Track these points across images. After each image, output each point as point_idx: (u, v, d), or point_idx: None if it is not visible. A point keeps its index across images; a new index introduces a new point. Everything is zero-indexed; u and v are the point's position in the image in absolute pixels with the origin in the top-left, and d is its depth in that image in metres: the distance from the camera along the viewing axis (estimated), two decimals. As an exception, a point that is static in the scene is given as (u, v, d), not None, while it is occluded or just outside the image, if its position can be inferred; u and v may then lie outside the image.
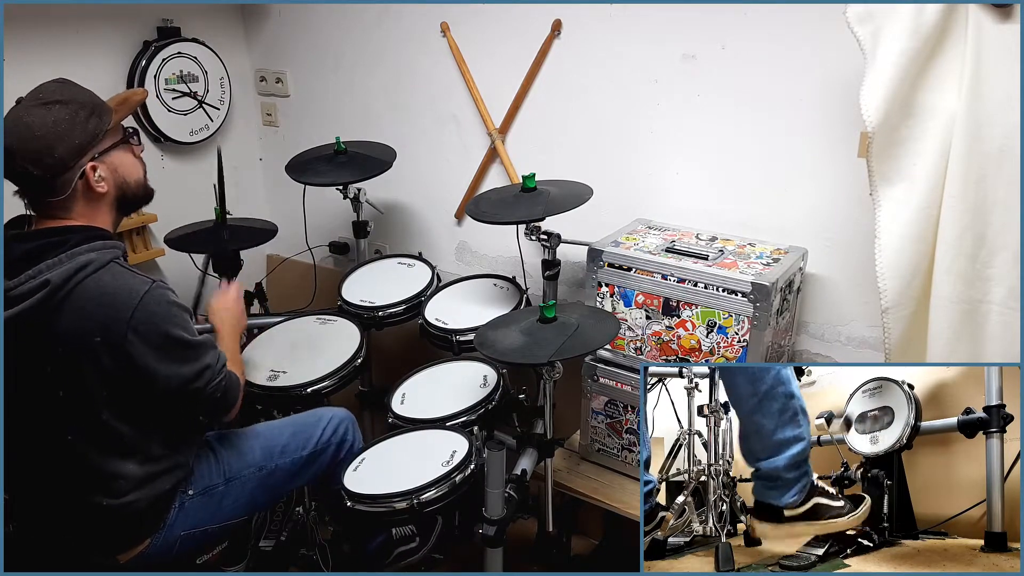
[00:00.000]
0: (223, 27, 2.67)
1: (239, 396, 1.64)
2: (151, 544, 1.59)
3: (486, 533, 1.68)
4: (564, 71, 2.16)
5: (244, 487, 1.71)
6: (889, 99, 1.45)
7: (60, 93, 1.45)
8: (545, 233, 1.96)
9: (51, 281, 1.39)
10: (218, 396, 1.57)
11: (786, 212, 1.94)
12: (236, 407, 1.65)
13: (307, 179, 2.23)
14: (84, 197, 1.48)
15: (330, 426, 1.83)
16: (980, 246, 1.47)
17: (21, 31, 2.12)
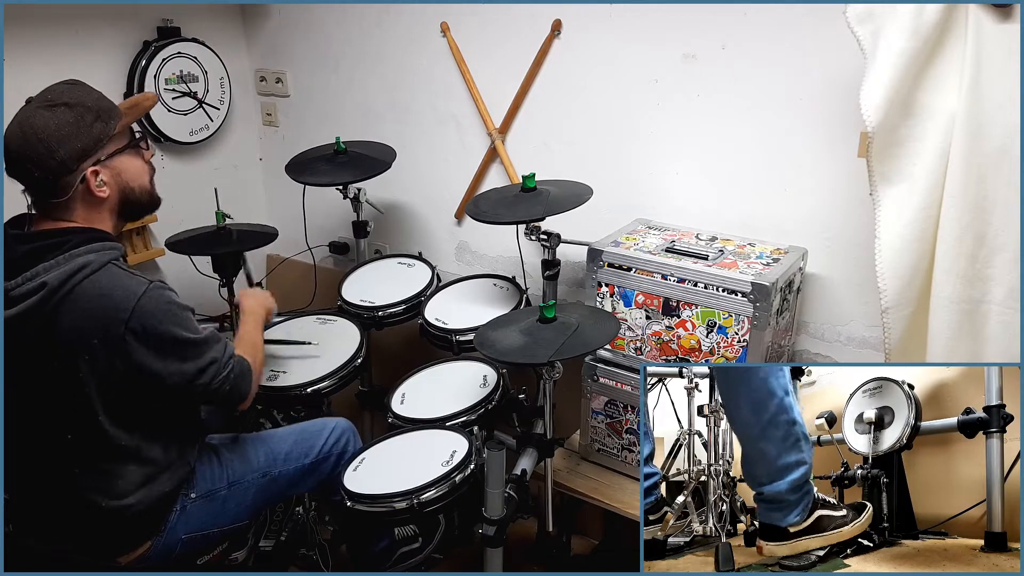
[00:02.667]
0: (223, 27, 2.67)
1: (251, 385, 1.63)
2: (152, 546, 1.59)
3: (486, 533, 1.68)
4: (564, 71, 2.16)
5: (246, 492, 1.71)
6: (889, 99, 1.45)
7: (68, 95, 1.45)
8: (545, 233, 1.96)
9: (48, 283, 1.39)
10: (227, 389, 1.56)
11: (786, 212, 1.94)
12: (249, 397, 1.64)
13: (307, 179, 2.23)
14: (84, 201, 1.48)
15: (332, 435, 1.83)
16: (980, 246, 1.47)
17: (21, 31, 2.12)
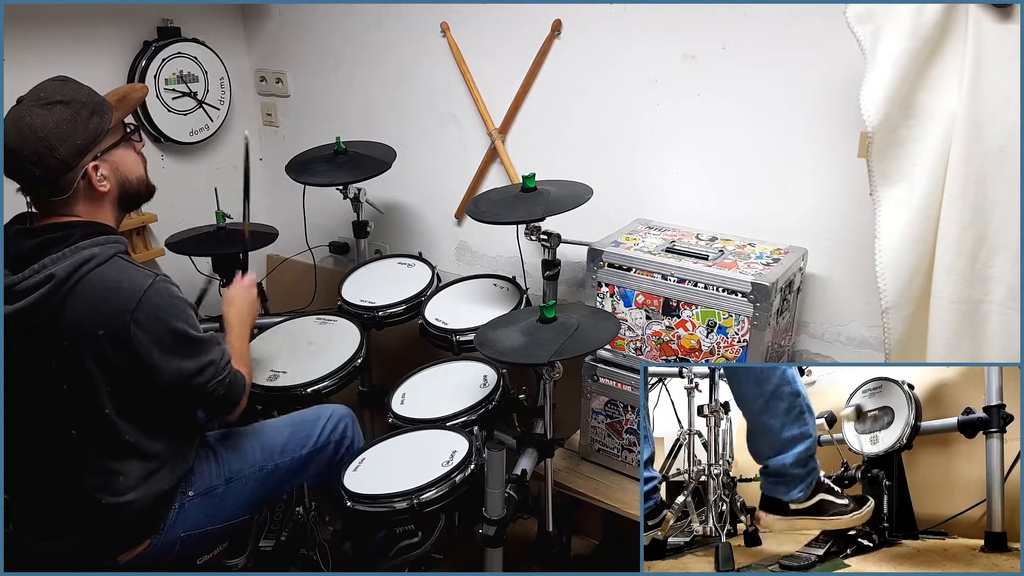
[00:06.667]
0: (223, 27, 2.67)
1: (243, 394, 1.64)
2: (150, 545, 1.59)
3: (486, 533, 1.68)
4: (564, 71, 2.16)
5: (244, 487, 1.71)
6: (889, 99, 1.45)
7: (61, 92, 1.45)
8: (545, 233, 1.96)
9: (55, 275, 1.40)
10: (221, 393, 1.57)
11: (786, 212, 1.94)
12: (240, 405, 1.64)
13: (307, 179, 2.23)
14: (86, 196, 1.48)
15: (330, 423, 1.83)
16: (980, 246, 1.47)
17: (21, 31, 2.13)
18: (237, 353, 1.70)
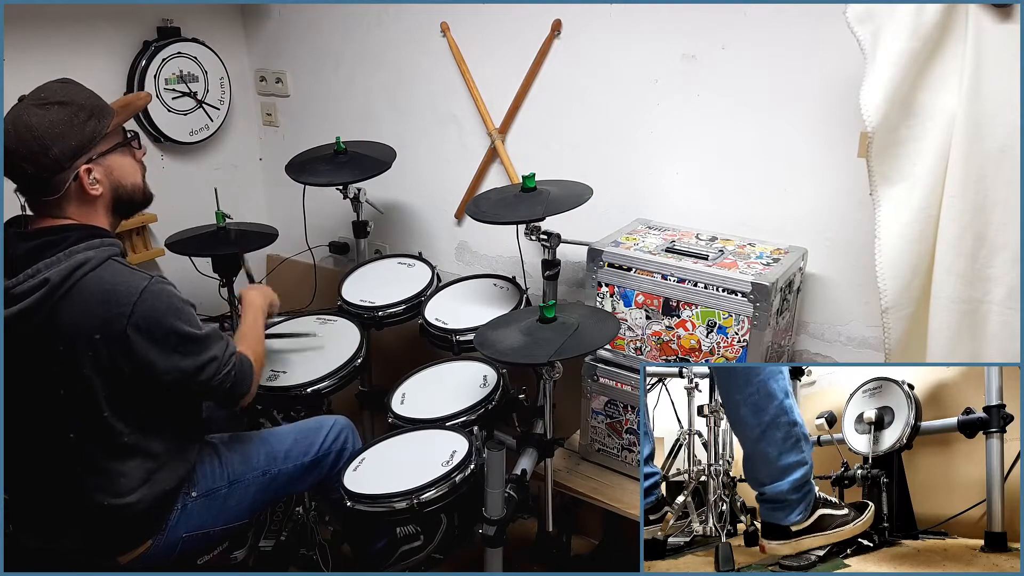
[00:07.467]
0: (223, 27, 2.67)
1: (252, 383, 1.63)
2: (152, 545, 1.59)
3: (486, 533, 1.68)
4: (564, 71, 2.16)
5: (247, 491, 1.71)
6: (889, 99, 1.45)
7: (61, 94, 1.45)
8: (545, 233, 1.96)
9: (50, 279, 1.39)
10: (227, 387, 1.56)
11: (786, 212, 1.94)
12: (250, 395, 1.64)
13: (307, 179, 2.23)
14: (78, 198, 1.48)
15: (332, 433, 1.83)
16: (980, 246, 1.47)
17: (21, 31, 2.13)
18: (250, 335, 1.71)
